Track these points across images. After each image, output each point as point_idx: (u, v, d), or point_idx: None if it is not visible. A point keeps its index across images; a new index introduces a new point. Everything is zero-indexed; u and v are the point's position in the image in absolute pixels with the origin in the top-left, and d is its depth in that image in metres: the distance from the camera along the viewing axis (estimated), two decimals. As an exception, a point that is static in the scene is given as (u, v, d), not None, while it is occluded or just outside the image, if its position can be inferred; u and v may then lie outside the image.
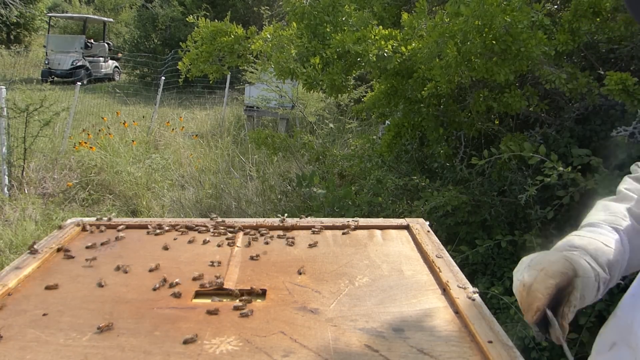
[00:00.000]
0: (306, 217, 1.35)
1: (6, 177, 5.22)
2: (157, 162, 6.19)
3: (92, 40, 17.26)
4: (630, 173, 1.05)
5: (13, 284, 0.96)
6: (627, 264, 0.92)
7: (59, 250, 1.14)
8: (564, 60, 2.58)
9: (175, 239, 1.23)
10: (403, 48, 2.61)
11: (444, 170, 3.04)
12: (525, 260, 0.86)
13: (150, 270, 1.05)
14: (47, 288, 0.96)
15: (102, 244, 1.18)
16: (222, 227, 1.31)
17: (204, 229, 1.30)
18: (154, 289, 0.96)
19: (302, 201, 4.07)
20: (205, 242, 1.21)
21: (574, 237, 0.92)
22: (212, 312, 0.88)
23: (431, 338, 0.82)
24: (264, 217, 1.55)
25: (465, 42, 2.24)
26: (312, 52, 2.72)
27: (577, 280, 0.80)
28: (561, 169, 2.09)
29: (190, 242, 1.21)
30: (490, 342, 0.79)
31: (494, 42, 2.24)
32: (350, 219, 1.35)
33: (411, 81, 2.78)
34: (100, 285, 0.97)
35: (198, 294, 0.97)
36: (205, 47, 3.04)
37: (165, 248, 1.17)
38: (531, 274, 0.81)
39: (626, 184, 1.02)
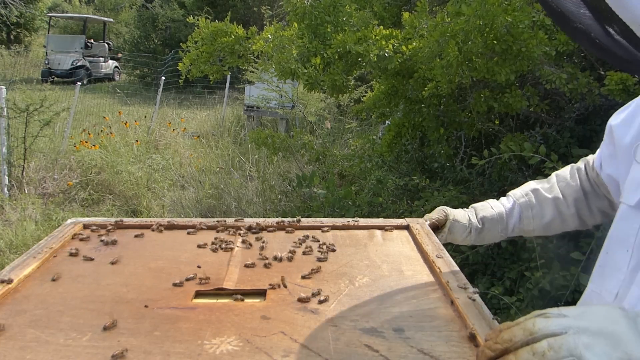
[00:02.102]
0: (298, 220, 1.35)
1: (6, 177, 5.22)
2: (158, 162, 6.19)
3: (92, 40, 17.28)
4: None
5: (13, 284, 0.96)
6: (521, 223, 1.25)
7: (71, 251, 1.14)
8: (564, 60, 2.58)
9: (175, 239, 1.23)
10: (404, 47, 2.61)
11: (444, 170, 3.04)
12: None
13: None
14: (54, 280, 0.99)
15: (102, 244, 1.18)
16: (221, 227, 1.31)
17: (204, 229, 1.30)
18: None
19: (302, 201, 4.07)
20: (205, 242, 1.21)
21: (480, 203, 1.31)
22: (212, 312, 0.88)
23: (431, 338, 0.82)
24: (264, 217, 1.55)
25: (467, 41, 2.24)
26: (313, 52, 2.72)
27: (447, 223, 1.26)
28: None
29: (190, 242, 1.21)
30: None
31: (495, 42, 2.25)
32: (350, 219, 1.35)
33: (412, 81, 2.78)
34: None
35: (198, 294, 0.96)
36: (206, 48, 3.05)
37: (166, 248, 1.17)
38: (427, 216, 1.32)
39: (561, 171, 1.27)
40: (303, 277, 1.03)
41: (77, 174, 5.76)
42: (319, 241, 1.22)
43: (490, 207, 1.27)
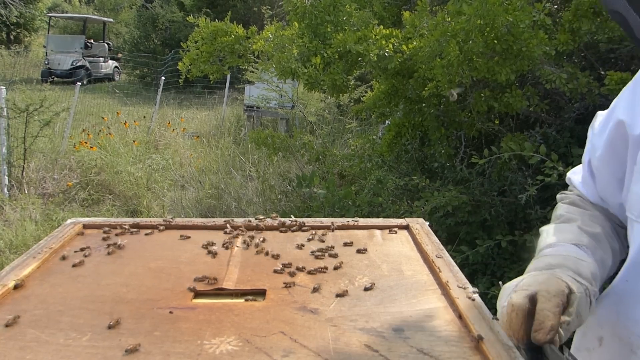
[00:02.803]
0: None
1: (6, 177, 5.22)
2: (157, 162, 6.19)
3: (92, 40, 17.28)
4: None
5: (13, 284, 0.96)
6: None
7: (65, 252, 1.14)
8: (564, 60, 2.58)
9: (175, 239, 1.23)
10: (404, 47, 2.61)
11: (444, 170, 3.04)
12: (509, 286, 0.84)
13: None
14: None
15: (102, 244, 1.18)
16: (221, 227, 1.31)
17: (204, 228, 1.30)
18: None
19: (302, 201, 4.07)
20: (205, 242, 1.21)
21: (546, 258, 0.89)
22: (211, 312, 0.88)
23: (431, 338, 0.81)
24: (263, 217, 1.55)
25: (467, 41, 2.24)
26: (313, 52, 2.72)
27: (572, 297, 0.78)
28: (561, 168, 2.09)
29: (190, 242, 1.21)
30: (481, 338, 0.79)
31: (495, 41, 2.25)
32: (350, 219, 1.35)
33: (412, 81, 2.78)
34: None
35: (198, 294, 0.96)
36: (206, 47, 3.05)
37: (166, 248, 1.17)
38: (520, 295, 0.78)
39: (563, 209, 1.03)
40: (309, 272, 1.03)
41: (77, 174, 5.76)
42: (323, 241, 1.22)
43: (578, 258, 0.89)
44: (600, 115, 1.00)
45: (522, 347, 0.77)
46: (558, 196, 1.10)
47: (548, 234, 0.98)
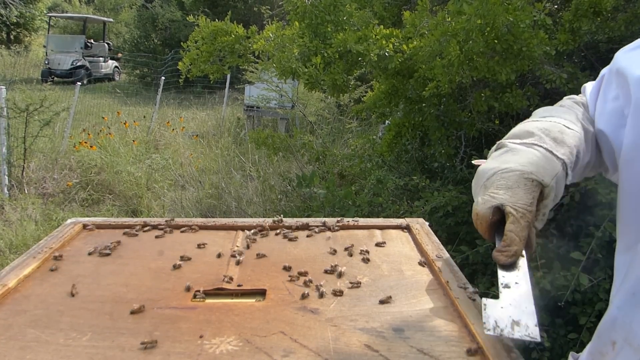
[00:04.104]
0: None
1: (6, 177, 5.22)
2: (157, 162, 6.19)
3: (92, 40, 17.28)
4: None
5: (13, 284, 0.96)
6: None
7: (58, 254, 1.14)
8: (564, 60, 2.58)
9: (175, 239, 1.23)
10: (404, 47, 2.61)
11: (444, 170, 3.04)
12: (481, 174, 0.81)
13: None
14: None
15: (102, 244, 1.18)
16: (220, 227, 1.31)
17: (203, 228, 1.30)
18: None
19: (302, 201, 4.07)
20: (205, 242, 1.21)
21: (529, 123, 0.84)
22: (212, 312, 0.88)
23: (431, 338, 0.81)
24: (264, 217, 1.55)
25: (468, 41, 2.24)
26: (314, 52, 2.72)
27: (546, 190, 0.75)
28: (561, 168, 2.09)
29: (190, 242, 1.21)
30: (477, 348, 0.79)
31: (495, 41, 2.24)
32: (350, 219, 1.35)
33: (412, 81, 2.78)
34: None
35: (198, 294, 0.96)
36: (206, 47, 3.04)
37: (165, 248, 1.17)
38: (486, 204, 0.76)
39: (567, 102, 0.98)
40: (325, 272, 1.03)
41: (77, 174, 5.76)
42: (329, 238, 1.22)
43: (565, 126, 0.83)
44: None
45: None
46: (565, 98, 1.03)
47: (544, 110, 0.93)
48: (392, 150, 3.26)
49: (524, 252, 0.77)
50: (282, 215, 1.36)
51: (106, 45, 17.59)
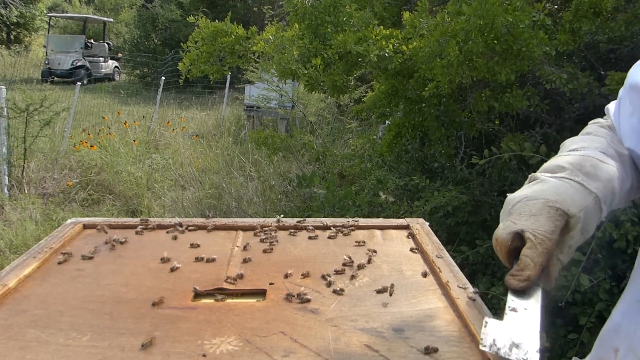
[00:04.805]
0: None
1: (6, 177, 5.22)
2: (157, 162, 6.19)
3: (92, 40, 17.28)
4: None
5: (13, 284, 0.96)
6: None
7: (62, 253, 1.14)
8: (564, 60, 2.58)
9: (175, 239, 1.23)
10: (404, 47, 2.61)
11: (444, 170, 3.04)
12: (508, 202, 0.78)
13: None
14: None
15: (102, 244, 1.18)
16: (220, 227, 1.31)
17: (203, 228, 1.30)
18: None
19: (302, 201, 4.07)
20: (205, 242, 1.21)
21: (564, 156, 0.81)
22: (212, 312, 0.88)
23: (431, 338, 0.82)
24: (264, 217, 1.55)
25: (467, 41, 2.24)
26: (314, 53, 2.72)
27: (572, 221, 0.72)
28: (561, 169, 2.09)
29: (190, 242, 1.21)
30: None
31: (495, 41, 2.25)
32: (350, 219, 1.35)
33: (412, 81, 2.78)
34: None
35: (198, 294, 0.96)
36: (206, 48, 3.04)
37: (166, 248, 1.17)
38: (506, 229, 0.72)
39: (591, 128, 0.95)
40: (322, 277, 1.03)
41: (77, 174, 5.76)
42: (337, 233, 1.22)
43: (599, 160, 0.80)
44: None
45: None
46: (589, 123, 1.00)
47: (573, 141, 0.88)
48: (392, 150, 3.26)
49: (540, 283, 0.72)
50: (282, 215, 1.36)
51: (106, 45, 17.59)
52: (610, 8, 2.32)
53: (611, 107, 0.98)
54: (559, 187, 0.75)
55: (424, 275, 1.05)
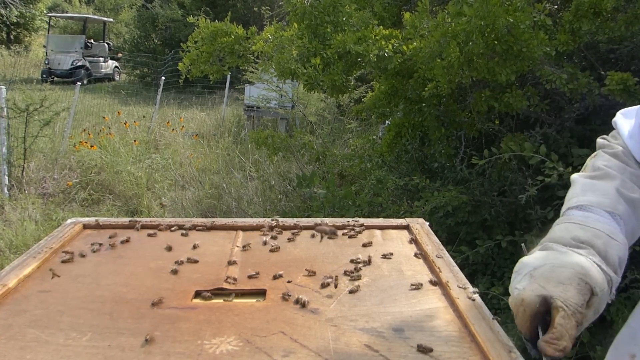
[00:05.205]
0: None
1: (6, 177, 5.22)
2: (157, 162, 6.19)
3: (92, 40, 17.27)
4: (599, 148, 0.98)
5: (13, 284, 0.96)
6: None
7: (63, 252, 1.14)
8: (564, 60, 2.58)
9: (175, 239, 1.23)
10: (404, 47, 2.61)
11: (444, 170, 3.04)
12: (527, 264, 0.78)
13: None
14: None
15: (102, 244, 1.18)
16: (220, 227, 1.31)
17: (203, 229, 1.30)
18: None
19: (302, 201, 4.07)
20: (205, 242, 1.21)
21: (575, 228, 0.81)
22: (212, 312, 0.88)
23: (431, 338, 0.81)
24: (264, 217, 1.55)
25: (468, 42, 2.24)
26: (313, 53, 2.71)
27: (594, 299, 0.72)
28: (561, 169, 2.09)
29: (190, 242, 1.21)
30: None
31: (495, 42, 2.24)
32: (350, 219, 1.35)
33: (412, 81, 2.78)
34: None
35: (198, 294, 0.96)
36: (206, 48, 3.04)
37: (166, 248, 1.17)
38: (534, 292, 0.72)
39: (603, 160, 0.92)
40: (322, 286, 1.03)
41: (77, 174, 5.76)
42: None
43: (609, 237, 0.81)
44: None
45: (524, 337, 0.75)
46: (599, 141, 0.99)
47: (583, 187, 0.88)
48: (392, 150, 3.26)
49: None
50: (278, 217, 1.36)
51: (106, 45, 17.58)
52: (610, 8, 2.32)
53: (621, 124, 0.95)
54: (584, 262, 0.75)
55: (433, 283, 1.04)
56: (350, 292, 0.97)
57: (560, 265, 0.74)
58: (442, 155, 3.05)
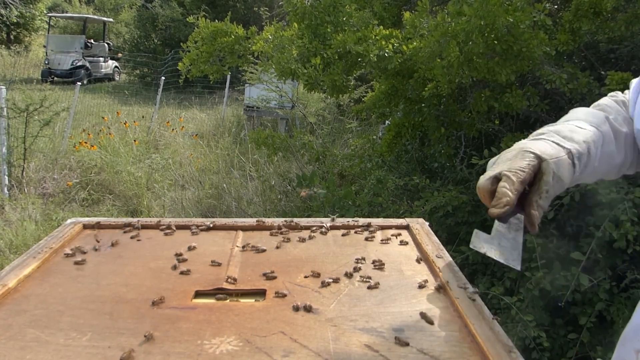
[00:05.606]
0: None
1: (6, 177, 5.22)
2: (157, 162, 6.19)
3: (92, 40, 17.27)
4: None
5: (13, 284, 0.96)
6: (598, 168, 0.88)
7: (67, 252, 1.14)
8: (564, 60, 2.58)
9: (175, 239, 1.23)
10: (404, 47, 2.61)
11: (444, 170, 3.04)
12: (490, 162, 0.86)
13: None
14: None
15: (102, 244, 1.18)
16: (220, 227, 1.31)
17: (203, 229, 1.30)
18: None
19: (302, 201, 4.07)
20: (205, 242, 1.21)
21: (545, 127, 0.89)
22: (211, 312, 0.88)
23: (431, 338, 0.81)
24: (264, 217, 1.55)
25: (468, 42, 2.24)
26: (313, 53, 2.72)
27: (544, 164, 0.78)
28: (561, 169, 2.09)
29: (189, 242, 1.21)
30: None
31: (495, 42, 2.24)
32: (350, 219, 1.35)
33: (412, 81, 2.78)
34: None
35: (198, 294, 0.96)
36: (206, 48, 3.05)
37: (166, 248, 1.17)
38: (485, 176, 0.80)
39: (603, 100, 1.00)
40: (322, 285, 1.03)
41: (77, 174, 5.76)
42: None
43: (577, 127, 0.87)
44: None
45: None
46: (608, 95, 1.06)
47: (571, 112, 0.95)
48: (392, 150, 3.26)
49: (522, 217, 0.79)
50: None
51: (106, 45, 17.58)
52: (610, 8, 2.32)
53: (634, 82, 1.00)
54: (534, 141, 0.83)
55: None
56: (350, 292, 0.97)
57: (508, 151, 0.83)
58: (442, 155, 3.05)
